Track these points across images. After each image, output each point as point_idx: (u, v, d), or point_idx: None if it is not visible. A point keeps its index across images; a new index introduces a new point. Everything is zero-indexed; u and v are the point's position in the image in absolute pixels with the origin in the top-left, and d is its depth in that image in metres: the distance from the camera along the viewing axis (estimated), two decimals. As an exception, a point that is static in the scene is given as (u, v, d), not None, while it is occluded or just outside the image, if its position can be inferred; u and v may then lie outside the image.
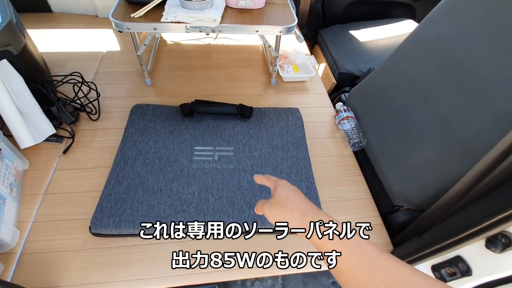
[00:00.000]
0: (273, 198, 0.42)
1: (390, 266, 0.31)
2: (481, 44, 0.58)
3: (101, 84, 0.90)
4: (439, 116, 0.63)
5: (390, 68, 0.79)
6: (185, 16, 0.72)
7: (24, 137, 0.67)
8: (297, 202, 0.40)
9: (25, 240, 0.58)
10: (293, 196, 0.41)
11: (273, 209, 0.40)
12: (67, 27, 1.14)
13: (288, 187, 0.42)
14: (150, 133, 0.76)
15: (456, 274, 0.48)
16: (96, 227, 0.58)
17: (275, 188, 0.43)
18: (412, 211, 0.67)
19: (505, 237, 0.41)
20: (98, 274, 0.55)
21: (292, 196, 0.41)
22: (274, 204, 0.41)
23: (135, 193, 0.63)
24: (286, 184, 0.43)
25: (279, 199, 0.41)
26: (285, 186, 0.43)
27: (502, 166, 0.40)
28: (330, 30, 1.34)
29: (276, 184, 0.43)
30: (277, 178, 0.45)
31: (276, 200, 0.41)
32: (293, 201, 0.40)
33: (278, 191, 0.42)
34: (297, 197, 0.41)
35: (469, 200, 0.47)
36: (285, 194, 0.41)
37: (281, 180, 0.44)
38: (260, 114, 0.85)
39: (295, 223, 0.38)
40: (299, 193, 0.42)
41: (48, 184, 0.67)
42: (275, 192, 0.42)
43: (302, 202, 0.40)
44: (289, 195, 0.41)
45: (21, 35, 0.73)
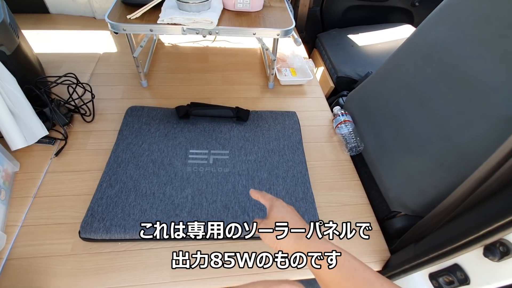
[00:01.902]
0: (269, 218, 0.42)
1: None
2: (476, 49, 0.58)
3: (97, 85, 0.89)
4: (436, 121, 0.62)
5: (388, 72, 0.79)
6: (181, 18, 0.72)
7: (15, 138, 0.66)
8: (293, 224, 0.40)
9: (12, 245, 0.56)
10: (288, 217, 0.41)
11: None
12: (64, 28, 1.13)
13: (283, 207, 0.43)
14: (144, 135, 0.75)
15: (454, 282, 0.47)
16: (86, 231, 0.56)
17: (271, 207, 0.43)
18: (409, 217, 0.66)
19: (503, 245, 0.40)
20: (87, 280, 0.54)
21: (287, 217, 0.41)
22: (270, 225, 0.41)
23: (127, 196, 0.62)
24: (282, 204, 0.43)
25: (275, 219, 0.41)
26: (281, 206, 0.43)
27: (500, 172, 0.39)
28: (328, 34, 1.34)
29: (272, 204, 0.43)
30: (273, 197, 0.45)
31: (271, 220, 0.41)
32: (289, 222, 0.40)
33: (274, 211, 0.42)
34: (293, 218, 0.41)
35: (467, 207, 0.46)
36: (281, 214, 0.41)
37: (277, 199, 0.44)
38: (257, 117, 0.84)
39: (290, 245, 0.39)
40: (294, 214, 0.42)
41: (39, 187, 0.65)
42: (270, 213, 0.42)
43: (298, 223, 0.40)
44: (284, 215, 0.41)
45: (14, 36, 0.72)
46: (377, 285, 0.31)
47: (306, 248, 0.37)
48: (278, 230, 0.39)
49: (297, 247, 0.38)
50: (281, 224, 0.40)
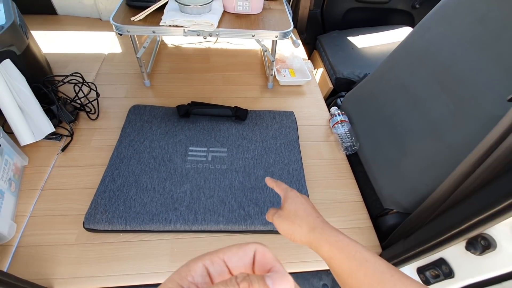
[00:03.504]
0: (283, 209, 0.42)
1: (397, 282, 0.31)
2: (470, 51, 0.59)
3: (102, 84, 0.92)
4: (429, 121, 0.64)
5: (384, 74, 0.81)
6: (183, 20, 0.74)
7: (24, 134, 0.69)
8: (306, 216, 0.40)
9: (22, 234, 0.60)
10: (302, 208, 0.41)
11: (282, 222, 0.41)
12: (71, 29, 1.17)
13: (297, 198, 0.43)
14: (146, 133, 0.78)
15: (440, 276, 0.49)
16: (90, 222, 0.59)
17: (285, 199, 0.43)
18: (401, 214, 0.68)
19: (484, 239, 0.42)
20: (90, 268, 0.57)
21: (301, 209, 0.41)
22: (284, 216, 0.41)
23: (129, 190, 0.65)
24: (296, 195, 0.43)
25: (289, 211, 0.41)
26: (295, 197, 0.43)
27: (481, 169, 0.41)
28: (328, 35, 1.36)
29: (286, 194, 0.43)
30: (287, 187, 0.45)
31: (285, 212, 0.41)
32: (302, 215, 0.40)
33: (288, 203, 0.42)
34: (306, 210, 0.41)
35: (452, 203, 0.48)
36: (294, 206, 0.41)
37: (291, 190, 0.44)
38: (255, 116, 0.87)
39: (303, 237, 0.39)
40: (308, 205, 0.42)
41: (46, 180, 0.69)
42: (285, 204, 0.42)
43: (312, 215, 0.40)
44: (298, 207, 0.41)
45: (24, 36, 0.76)
46: (388, 276, 0.32)
47: (319, 239, 0.37)
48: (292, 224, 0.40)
49: (309, 239, 0.38)
50: (295, 218, 0.40)
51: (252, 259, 0.19)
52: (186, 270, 0.18)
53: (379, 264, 0.33)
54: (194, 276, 0.18)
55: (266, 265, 0.19)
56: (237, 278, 0.16)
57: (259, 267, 0.19)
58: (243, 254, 0.19)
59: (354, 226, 0.69)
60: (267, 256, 0.19)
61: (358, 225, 0.69)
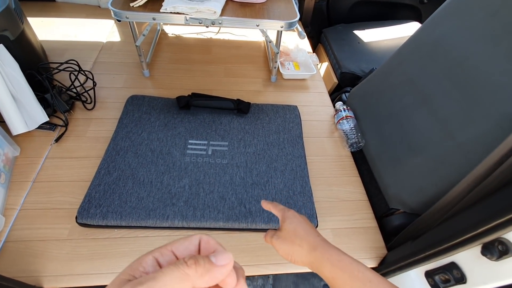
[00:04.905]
0: (282, 230, 0.42)
1: None
2: (483, 46, 0.57)
3: (99, 74, 0.89)
4: (439, 118, 0.61)
5: (391, 69, 0.77)
6: (184, 7, 0.71)
7: (17, 123, 0.66)
8: (306, 235, 0.40)
9: (10, 228, 0.57)
10: (301, 228, 0.41)
11: (282, 243, 0.41)
12: (69, 16, 1.13)
13: (296, 217, 0.43)
14: (144, 124, 0.75)
15: (450, 281, 0.47)
16: (83, 217, 0.56)
17: (283, 219, 0.43)
18: (407, 215, 0.65)
19: (502, 244, 0.39)
20: (82, 265, 0.54)
21: (300, 228, 0.41)
22: (283, 237, 0.41)
23: (125, 184, 0.62)
24: (294, 215, 0.43)
25: (288, 231, 0.41)
26: (293, 217, 0.43)
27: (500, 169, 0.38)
28: (334, 29, 1.32)
29: (284, 215, 0.44)
30: (285, 208, 0.45)
31: (284, 232, 0.42)
32: (302, 234, 0.41)
33: (286, 223, 0.42)
34: (306, 229, 0.41)
35: (466, 204, 0.45)
36: (294, 226, 0.42)
37: (288, 210, 0.44)
38: (258, 110, 0.84)
39: (304, 257, 0.39)
40: (307, 224, 0.42)
41: (38, 172, 0.66)
42: (283, 224, 0.43)
43: (312, 234, 0.41)
44: (297, 226, 0.41)
45: (19, 21, 0.72)
46: None
47: (320, 258, 0.37)
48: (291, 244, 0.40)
49: (311, 259, 0.38)
50: (295, 238, 0.40)
51: (198, 247, 0.21)
52: (138, 263, 0.19)
53: (383, 285, 0.34)
54: (145, 267, 0.19)
55: (210, 249, 0.21)
56: (184, 258, 0.18)
57: (204, 252, 0.21)
58: (189, 243, 0.21)
59: (358, 226, 0.66)
60: (211, 242, 0.21)
61: (363, 225, 0.67)
